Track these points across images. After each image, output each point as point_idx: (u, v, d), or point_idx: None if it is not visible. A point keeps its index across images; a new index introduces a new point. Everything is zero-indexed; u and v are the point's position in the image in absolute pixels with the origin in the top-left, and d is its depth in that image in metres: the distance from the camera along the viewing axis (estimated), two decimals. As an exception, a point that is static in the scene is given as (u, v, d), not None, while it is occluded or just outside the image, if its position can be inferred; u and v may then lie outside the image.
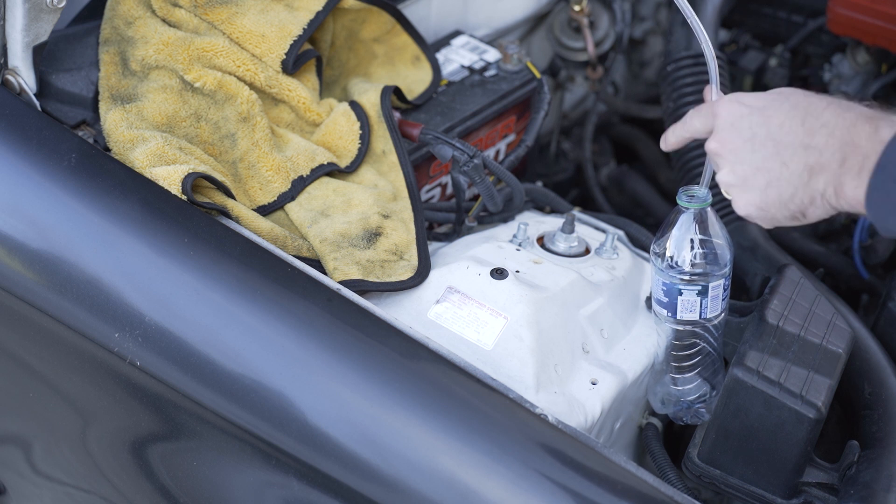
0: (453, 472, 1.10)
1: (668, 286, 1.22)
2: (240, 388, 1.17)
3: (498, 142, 1.71)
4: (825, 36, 2.12)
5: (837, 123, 1.01)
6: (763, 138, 1.03)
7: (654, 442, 1.38)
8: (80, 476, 1.45)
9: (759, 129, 1.04)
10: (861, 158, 0.99)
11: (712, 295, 1.22)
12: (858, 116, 1.01)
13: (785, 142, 1.02)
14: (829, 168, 1.01)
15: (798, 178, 1.02)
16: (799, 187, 1.03)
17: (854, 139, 0.99)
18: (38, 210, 1.29)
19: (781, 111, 1.03)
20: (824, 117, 1.01)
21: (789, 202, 1.04)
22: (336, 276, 1.29)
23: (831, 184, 1.01)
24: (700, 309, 1.23)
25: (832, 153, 1.00)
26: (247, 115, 1.43)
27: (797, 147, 1.02)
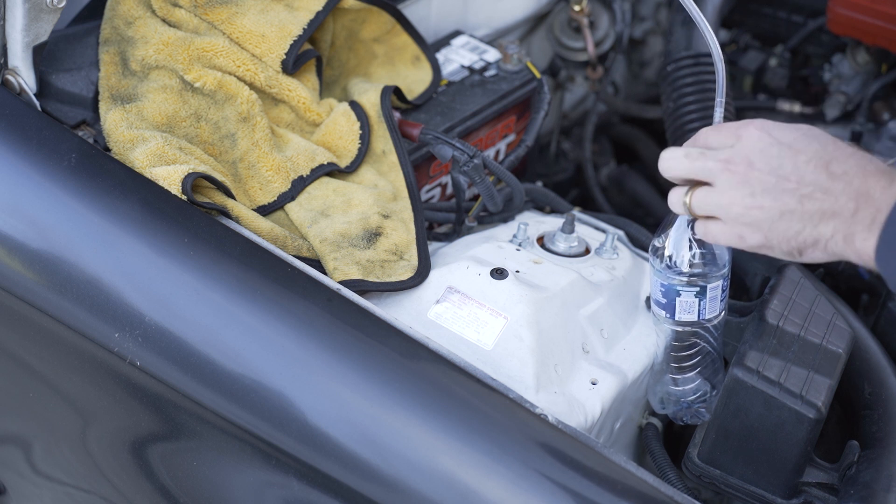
0: (453, 472, 1.10)
1: (667, 287, 1.22)
2: (240, 388, 1.17)
3: (498, 142, 1.71)
4: (825, 36, 2.12)
5: (857, 172, 1.02)
6: (788, 172, 1.04)
7: (654, 442, 1.38)
8: (80, 476, 1.45)
9: (786, 161, 1.04)
10: (873, 211, 1.00)
11: (710, 296, 1.22)
12: (878, 169, 1.02)
13: (807, 180, 1.03)
14: (841, 216, 1.02)
15: (809, 219, 1.03)
16: (808, 226, 1.03)
17: (869, 191, 1.00)
18: (38, 210, 1.29)
19: (810, 150, 1.04)
20: (847, 164, 1.02)
21: (793, 238, 1.05)
22: (336, 276, 1.29)
23: (840, 231, 1.02)
24: (699, 310, 1.23)
25: (847, 201, 1.01)
26: (247, 115, 1.43)
27: (818, 188, 1.02)
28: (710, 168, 1.08)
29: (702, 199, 1.09)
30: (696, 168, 1.09)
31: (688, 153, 1.09)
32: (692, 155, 1.09)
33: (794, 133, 1.06)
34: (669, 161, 1.11)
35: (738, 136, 1.07)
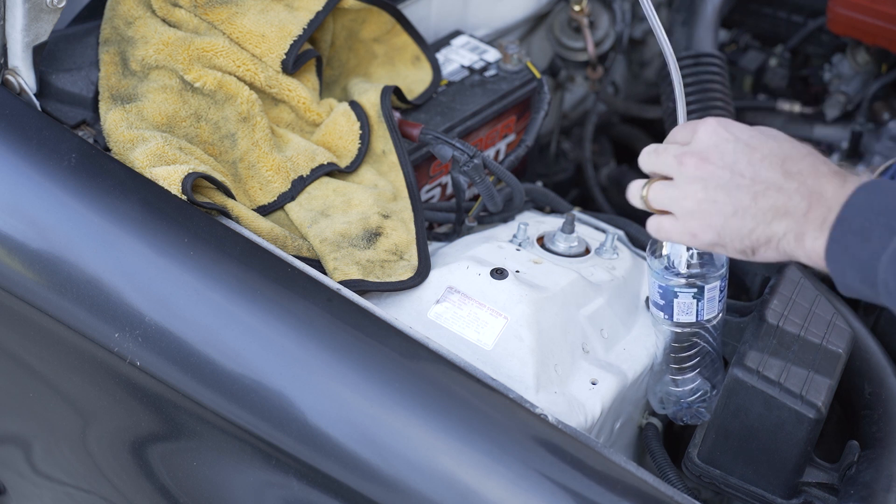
0: (453, 472, 1.10)
1: (664, 288, 1.22)
2: (240, 388, 1.17)
3: (498, 142, 1.71)
4: (825, 36, 2.12)
5: (811, 172, 1.02)
6: (742, 168, 1.03)
7: (654, 442, 1.38)
8: (80, 476, 1.45)
9: (741, 157, 1.03)
10: (825, 211, 1.00)
11: (709, 297, 1.22)
12: (831, 170, 1.02)
13: (762, 177, 1.02)
14: (794, 215, 1.01)
15: (762, 216, 1.02)
16: (760, 224, 1.03)
17: (821, 190, 1.00)
18: (38, 210, 1.29)
19: (765, 147, 1.04)
20: (802, 164, 1.02)
21: (746, 237, 1.04)
22: (336, 276, 1.29)
23: (792, 230, 1.02)
24: (697, 311, 1.23)
25: (800, 200, 1.01)
26: (247, 115, 1.43)
27: (771, 186, 1.02)
28: (668, 162, 1.08)
29: (657, 193, 1.09)
30: (657, 162, 1.09)
31: (655, 148, 1.10)
32: (658, 150, 1.09)
33: (751, 131, 1.06)
34: (641, 157, 1.12)
35: (695, 132, 1.07)
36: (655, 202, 1.09)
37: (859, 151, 2.04)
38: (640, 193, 1.10)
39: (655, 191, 1.09)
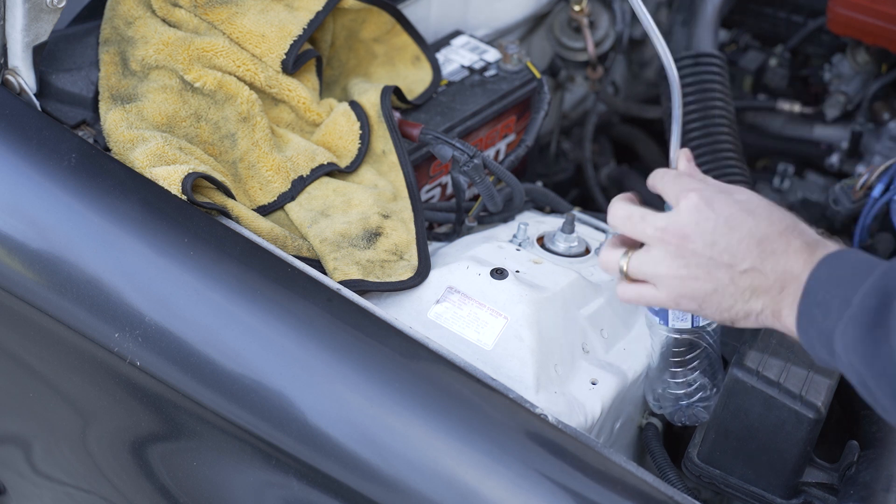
0: (453, 472, 1.10)
1: None
2: (240, 388, 1.17)
3: (498, 142, 1.71)
4: (825, 36, 2.12)
5: (784, 250, 1.04)
6: (722, 248, 1.05)
7: (654, 442, 1.38)
8: (80, 476, 1.45)
9: (721, 238, 1.05)
10: (796, 286, 1.02)
11: None
12: (802, 245, 1.04)
13: (740, 258, 1.04)
14: (770, 293, 1.04)
15: (741, 295, 1.05)
16: (739, 301, 1.05)
17: (792, 268, 1.03)
18: (38, 210, 1.29)
19: (744, 227, 1.05)
20: (777, 243, 1.04)
21: (726, 311, 1.07)
22: (336, 276, 1.29)
23: (769, 307, 1.04)
24: (692, 317, 1.22)
25: (775, 279, 1.03)
26: (247, 115, 1.43)
27: (749, 269, 1.04)
28: (648, 235, 1.09)
29: (638, 267, 1.10)
30: (635, 231, 1.10)
31: (630, 215, 1.10)
32: (634, 218, 1.10)
33: (732, 207, 1.06)
34: (614, 218, 1.12)
35: (677, 203, 1.09)
36: (636, 274, 1.11)
37: (859, 151, 2.04)
38: (620, 264, 1.11)
39: (636, 264, 1.10)
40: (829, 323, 0.98)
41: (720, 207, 1.07)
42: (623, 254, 1.11)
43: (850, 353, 0.96)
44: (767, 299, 1.04)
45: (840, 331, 0.97)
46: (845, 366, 0.98)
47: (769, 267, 1.04)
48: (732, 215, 1.06)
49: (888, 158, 1.87)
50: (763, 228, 1.05)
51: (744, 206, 1.07)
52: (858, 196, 1.69)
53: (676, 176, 1.12)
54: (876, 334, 0.94)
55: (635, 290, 1.12)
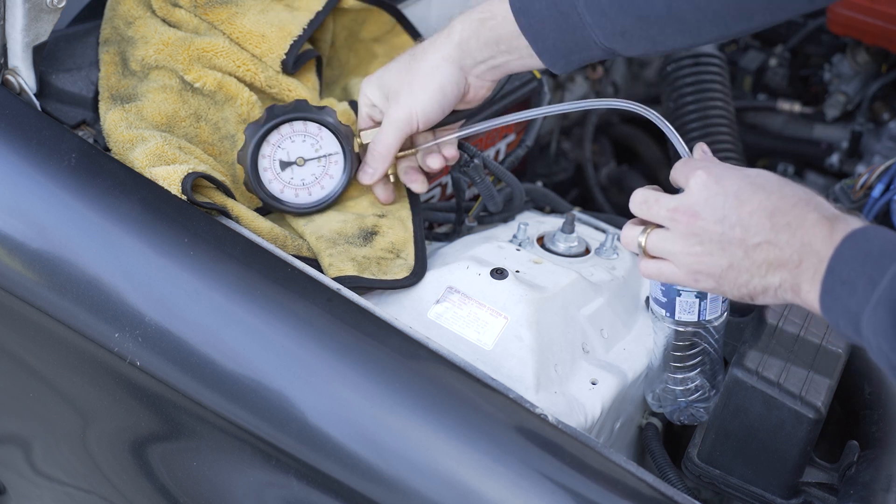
0: (453, 472, 1.10)
1: (667, 286, 1.22)
2: (240, 388, 1.17)
3: (498, 142, 1.71)
4: (825, 36, 2.13)
5: (801, 223, 1.03)
6: (733, 223, 1.05)
7: (654, 442, 1.38)
8: (80, 476, 1.45)
9: (731, 212, 1.06)
10: (816, 261, 1.02)
11: (711, 297, 1.21)
12: (819, 218, 1.03)
13: (752, 231, 1.05)
14: (787, 267, 1.04)
15: (757, 269, 1.05)
16: (756, 276, 1.05)
17: (811, 241, 1.02)
18: (38, 210, 1.29)
19: (755, 200, 1.05)
20: (790, 215, 1.04)
21: (743, 286, 1.07)
22: (331, 273, 1.29)
23: (788, 282, 1.04)
24: (699, 310, 1.22)
25: (791, 253, 1.03)
26: (247, 116, 1.43)
27: (762, 241, 1.04)
28: (661, 215, 1.11)
29: (655, 244, 1.12)
30: (650, 214, 1.12)
31: (645, 198, 1.13)
32: (649, 201, 1.12)
33: (741, 181, 1.07)
34: (633, 204, 1.14)
35: (687, 181, 1.10)
36: (654, 251, 1.12)
37: (859, 151, 2.04)
38: (639, 240, 1.13)
39: (653, 241, 1.12)
40: (856, 302, 0.97)
41: (728, 183, 1.07)
42: (642, 231, 1.13)
43: (879, 338, 0.95)
44: (785, 273, 1.03)
45: (868, 314, 0.96)
46: (874, 349, 0.96)
47: (784, 240, 1.03)
48: (742, 189, 1.06)
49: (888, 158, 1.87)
50: (774, 201, 1.04)
51: (753, 180, 1.07)
52: (858, 196, 1.69)
53: (686, 160, 1.14)
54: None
55: (656, 266, 1.13)
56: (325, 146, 1.39)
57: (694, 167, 1.10)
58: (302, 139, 1.37)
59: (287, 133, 1.36)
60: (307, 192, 1.39)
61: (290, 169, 1.37)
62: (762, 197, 1.05)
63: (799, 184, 1.08)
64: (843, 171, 2.06)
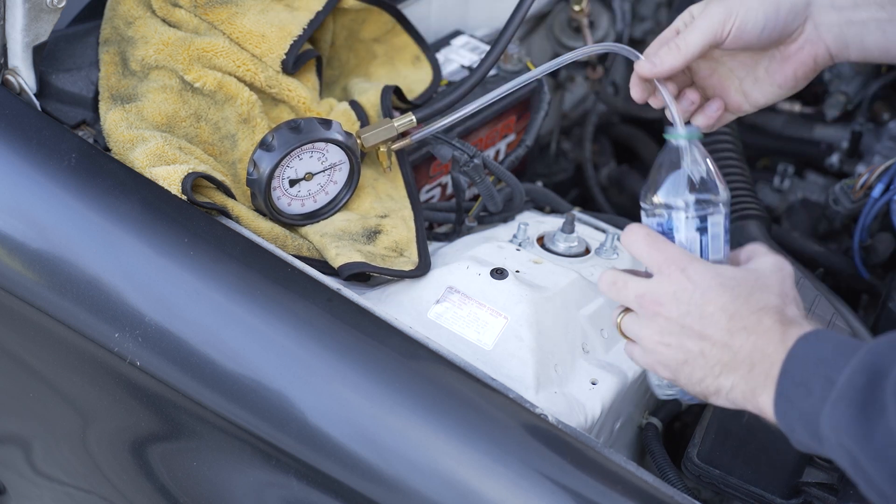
0: (453, 471, 1.10)
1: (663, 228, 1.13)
2: (240, 388, 1.17)
3: (498, 142, 1.71)
4: (825, 36, 2.12)
5: (756, 328, 1.01)
6: (693, 321, 1.04)
7: (654, 442, 1.38)
8: (80, 476, 1.45)
9: (693, 310, 1.04)
10: (768, 366, 1.00)
11: (713, 233, 1.13)
12: (774, 324, 1.01)
13: (708, 333, 1.03)
14: (739, 371, 1.02)
15: (710, 369, 1.04)
16: (709, 375, 1.04)
17: (764, 346, 1.00)
18: (38, 210, 1.29)
19: (718, 302, 1.03)
20: (749, 320, 1.02)
21: (697, 384, 1.05)
22: (339, 261, 1.29)
23: (738, 386, 1.02)
24: (701, 249, 1.13)
25: (744, 356, 1.01)
26: (247, 116, 1.43)
27: (718, 342, 1.03)
28: (629, 300, 1.09)
29: (626, 325, 1.11)
30: (618, 296, 1.11)
31: (614, 280, 1.11)
32: (618, 284, 1.10)
33: (713, 279, 1.05)
34: (602, 285, 1.12)
35: (659, 270, 1.08)
36: (626, 332, 1.12)
37: (859, 151, 2.04)
38: (616, 319, 1.12)
39: (626, 322, 1.11)
40: (812, 403, 0.95)
41: (699, 278, 1.05)
42: (621, 310, 1.12)
43: (840, 435, 0.93)
44: (737, 378, 1.02)
45: (828, 412, 0.93)
46: (834, 447, 0.94)
47: (738, 343, 1.02)
48: (710, 288, 1.04)
49: (888, 158, 1.87)
50: (738, 305, 1.03)
51: (725, 280, 1.05)
52: (858, 196, 1.69)
53: (652, 240, 1.10)
54: (869, 413, 0.91)
55: (629, 348, 1.12)
56: (331, 157, 1.38)
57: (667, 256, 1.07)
58: (309, 156, 1.36)
59: (296, 153, 1.35)
60: (312, 200, 1.39)
61: (298, 185, 1.37)
62: (727, 299, 1.03)
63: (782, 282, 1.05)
64: (843, 171, 2.06)
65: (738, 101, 1.26)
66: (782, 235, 1.79)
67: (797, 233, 1.84)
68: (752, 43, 1.17)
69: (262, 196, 1.34)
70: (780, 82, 1.22)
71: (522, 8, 1.41)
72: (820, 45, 1.17)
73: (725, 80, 1.25)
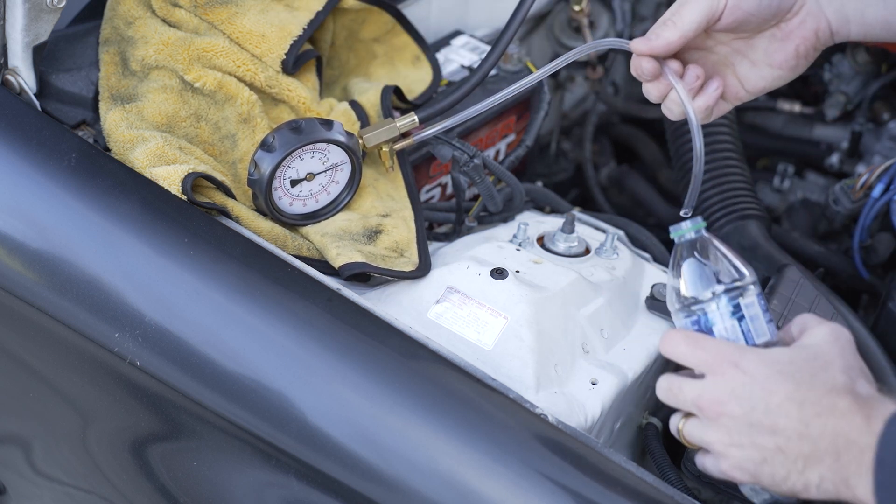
0: (453, 472, 1.10)
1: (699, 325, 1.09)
2: (240, 388, 1.17)
3: (498, 142, 1.71)
4: (825, 36, 2.12)
5: (831, 412, 0.96)
6: (761, 414, 0.98)
7: (654, 442, 1.38)
8: (80, 476, 1.45)
9: (758, 404, 0.98)
10: (857, 453, 0.94)
11: (750, 315, 1.08)
12: (851, 405, 0.96)
13: (781, 426, 0.97)
14: (824, 462, 0.96)
15: (793, 465, 0.97)
16: (793, 472, 0.98)
17: (847, 432, 0.95)
18: (38, 210, 1.29)
19: (782, 391, 0.97)
20: (821, 405, 0.96)
21: (782, 483, 0.99)
22: (340, 261, 1.29)
23: (829, 478, 0.96)
24: (743, 334, 1.08)
25: (827, 446, 0.95)
26: (247, 116, 1.43)
27: (793, 434, 0.97)
28: (687, 405, 1.04)
29: (691, 433, 1.05)
30: (677, 402, 1.05)
31: (669, 386, 1.05)
32: (672, 389, 1.05)
33: (769, 369, 0.99)
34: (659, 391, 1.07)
35: (711, 369, 1.02)
36: (692, 440, 1.06)
37: (859, 151, 2.04)
38: (678, 426, 1.06)
39: (689, 430, 1.05)
40: None
41: (754, 370, 0.99)
42: (681, 417, 1.06)
43: None
44: (824, 469, 0.95)
45: None
46: None
47: (816, 431, 0.95)
48: (769, 378, 0.98)
49: (888, 158, 1.87)
50: (804, 391, 0.97)
51: (782, 368, 0.99)
52: (858, 196, 1.69)
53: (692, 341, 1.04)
54: None
55: (699, 458, 1.06)
56: (332, 157, 1.38)
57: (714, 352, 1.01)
58: (311, 156, 1.36)
59: (297, 154, 1.35)
60: (314, 200, 1.39)
61: (300, 185, 1.37)
62: (791, 386, 0.97)
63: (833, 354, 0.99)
64: (843, 171, 2.06)
65: (735, 88, 1.22)
66: (782, 235, 1.79)
67: (797, 233, 1.84)
68: (752, 14, 1.11)
69: (264, 196, 1.34)
70: (780, 62, 1.18)
71: (523, 8, 1.41)
72: (821, 18, 1.12)
73: (720, 67, 1.22)
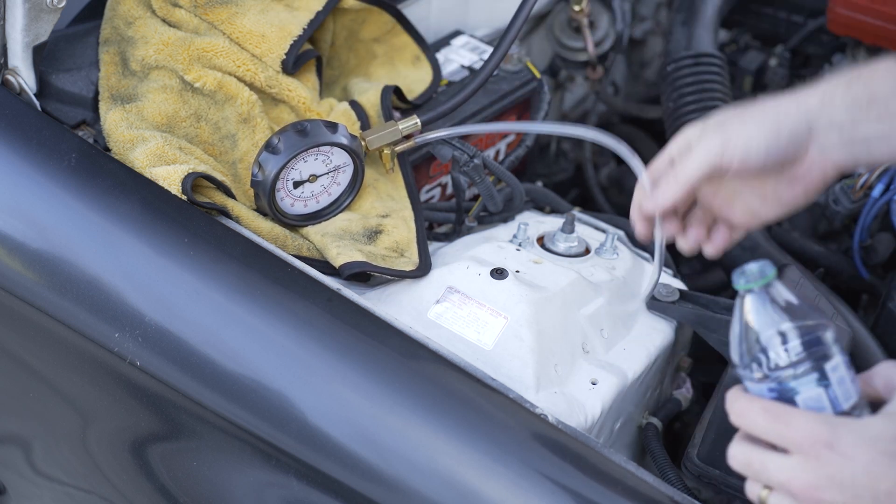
0: (453, 471, 1.10)
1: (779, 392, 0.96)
2: (240, 388, 1.17)
3: (498, 142, 1.71)
4: (825, 36, 2.12)
5: None
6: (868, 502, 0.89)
7: (654, 442, 1.38)
8: (80, 476, 1.45)
9: (863, 492, 0.88)
10: None
11: (836, 379, 0.94)
12: None
13: None
14: None
15: None
16: None
17: None
18: (38, 210, 1.29)
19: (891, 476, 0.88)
20: None
21: None
22: (340, 260, 1.30)
23: None
24: (830, 402, 0.95)
25: None
26: (247, 116, 1.43)
27: None
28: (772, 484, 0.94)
29: None
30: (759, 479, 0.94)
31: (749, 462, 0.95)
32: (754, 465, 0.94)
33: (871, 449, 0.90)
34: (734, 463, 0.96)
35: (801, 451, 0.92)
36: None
37: (859, 152, 2.04)
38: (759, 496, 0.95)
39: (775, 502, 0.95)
40: None
41: (853, 452, 0.89)
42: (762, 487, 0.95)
43: None
44: None
45: None
46: None
47: None
48: (873, 460, 0.89)
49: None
50: None
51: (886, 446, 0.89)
52: (858, 196, 1.69)
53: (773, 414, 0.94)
54: None
55: None
56: (335, 159, 1.38)
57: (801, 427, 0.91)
58: (314, 158, 1.36)
59: (301, 156, 1.35)
60: (315, 200, 1.39)
61: (302, 186, 1.37)
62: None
63: None
64: (843, 172, 2.06)
65: (746, 219, 1.19)
66: (782, 235, 1.79)
67: (797, 233, 1.83)
68: (758, 169, 1.10)
69: (266, 198, 1.34)
70: (789, 200, 1.15)
71: (524, 10, 1.41)
72: (827, 164, 1.09)
73: (731, 200, 1.19)
